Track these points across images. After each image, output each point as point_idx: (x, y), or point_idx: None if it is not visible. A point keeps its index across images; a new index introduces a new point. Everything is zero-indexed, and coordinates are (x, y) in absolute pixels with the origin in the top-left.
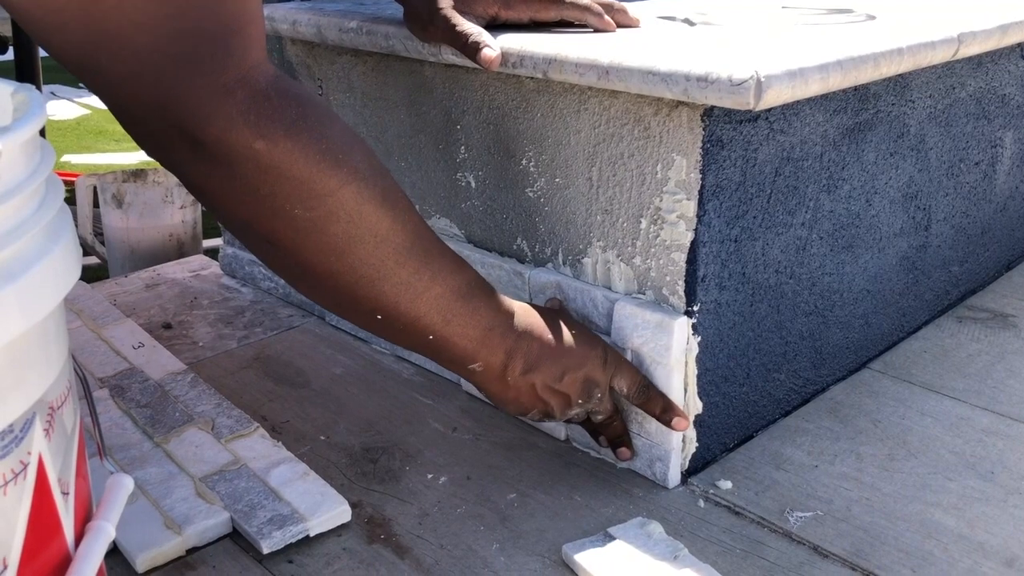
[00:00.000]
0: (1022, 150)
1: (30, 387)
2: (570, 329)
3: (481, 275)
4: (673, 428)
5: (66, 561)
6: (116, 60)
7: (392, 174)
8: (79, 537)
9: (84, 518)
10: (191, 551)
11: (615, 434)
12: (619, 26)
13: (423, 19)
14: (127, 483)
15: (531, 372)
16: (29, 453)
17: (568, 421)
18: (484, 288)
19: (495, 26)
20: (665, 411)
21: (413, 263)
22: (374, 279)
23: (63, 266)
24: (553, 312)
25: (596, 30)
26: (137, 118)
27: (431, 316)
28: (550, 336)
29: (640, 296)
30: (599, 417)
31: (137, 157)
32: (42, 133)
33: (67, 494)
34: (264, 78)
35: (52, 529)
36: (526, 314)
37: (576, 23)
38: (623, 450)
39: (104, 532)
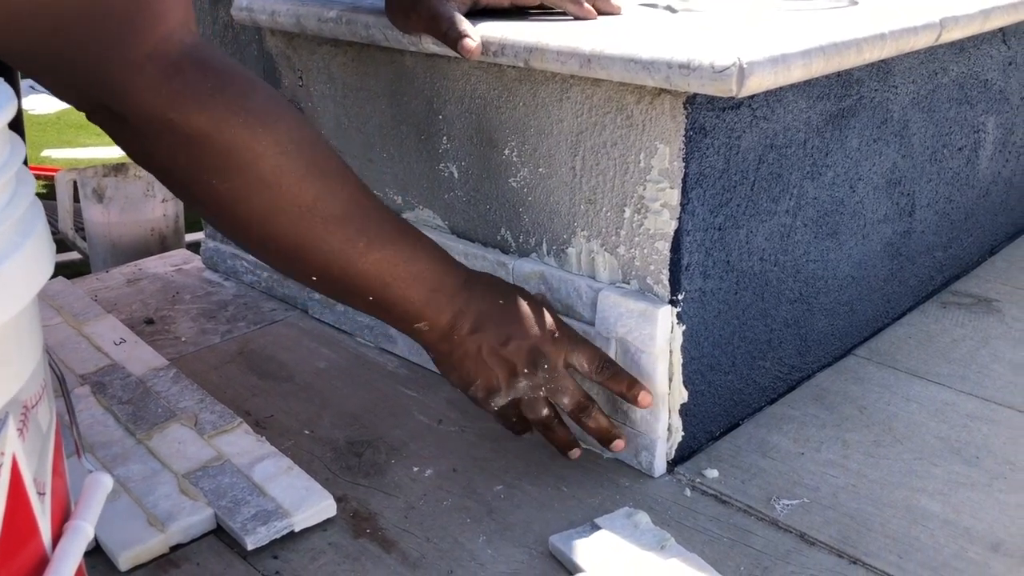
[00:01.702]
0: (1004, 135)
1: (2, 386)
2: (523, 300)
3: (429, 238)
4: (639, 404)
5: (43, 562)
6: (29, 42)
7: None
8: (57, 537)
9: (62, 518)
10: (175, 548)
11: (599, 428)
12: (600, 13)
13: (405, 7)
14: (106, 481)
15: (477, 333)
16: (2, 453)
17: (528, 424)
18: (432, 252)
19: (476, 11)
20: (631, 387)
21: (345, 232)
22: (302, 247)
23: (35, 262)
24: (505, 282)
25: (576, 18)
26: (69, 97)
27: (368, 280)
28: (500, 301)
29: (624, 285)
30: (564, 400)
31: (118, 151)
32: (18, 127)
33: (43, 494)
34: (178, 49)
35: (28, 530)
36: (477, 278)
37: (556, 10)
38: (618, 442)
39: (82, 532)
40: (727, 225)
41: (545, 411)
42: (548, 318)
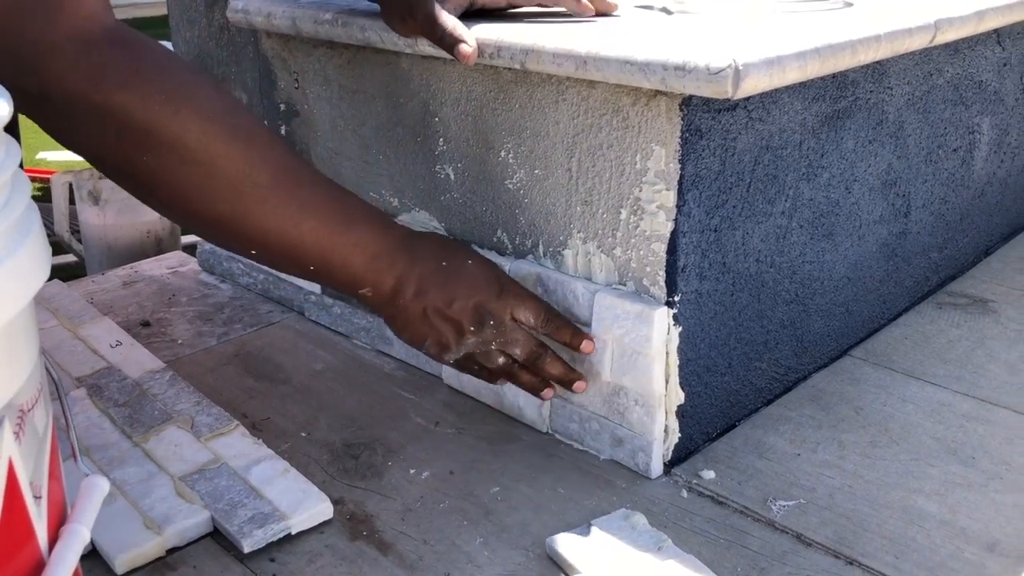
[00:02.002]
0: (999, 136)
1: None
2: (466, 259)
3: (366, 202)
4: (582, 351)
5: (39, 566)
6: None
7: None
8: (53, 541)
9: (58, 522)
10: (171, 551)
11: (558, 372)
12: (597, 12)
13: (402, 10)
14: (102, 485)
15: (421, 296)
16: None
17: (493, 372)
18: (369, 216)
19: (472, 12)
20: (574, 336)
21: (277, 198)
22: (236, 216)
23: (31, 265)
24: (451, 241)
25: (573, 14)
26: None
27: (306, 248)
28: (442, 263)
29: (621, 287)
30: (517, 351)
31: None
32: (14, 130)
33: (39, 498)
34: (98, 29)
35: (24, 534)
36: (418, 240)
37: (553, 6)
38: (579, 383)
39: (78, 536)
40: (723, 227)
41: (501, 360)
42: (492, 275)
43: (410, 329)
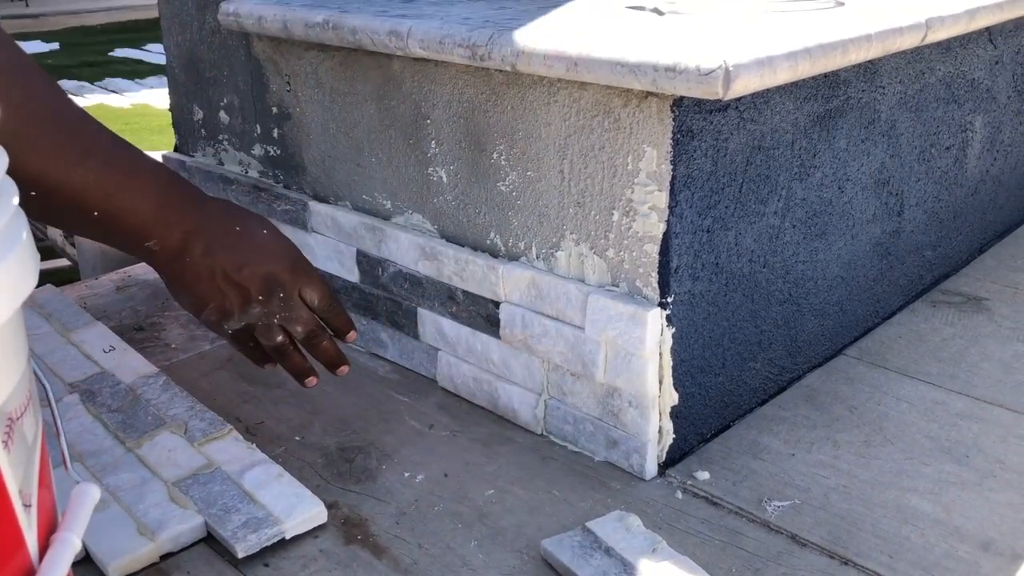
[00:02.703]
0: (992, 134)
1: None
2: (260, 227)
3: (152, 157)
4: (347, 340)
5: (30, 575)
6: None
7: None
8: (43, 550)
9: (48, 530)
10: (165, 557)
11: (329, 355)
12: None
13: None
14: (93, 492)
15: (210, 256)
16: None
17: (267, 351)
18: (155, 168)
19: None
20: (347, 324)
21: (57, 134)
22: (17, 149)
23: (19, 273)
24: (245, 209)
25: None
26: None
27: (89, 190)
28: (235, 227)
29: (614, 288)
30: (298, 328)
31: None
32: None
33: (29, 506)
34: None
35: (14, 543)
36: (211, 202)
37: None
38: (343, 367)
39: (69, 544)
40: (715, 227)
41: (280, 338)
42: (286, 247)
43: (193, 290)
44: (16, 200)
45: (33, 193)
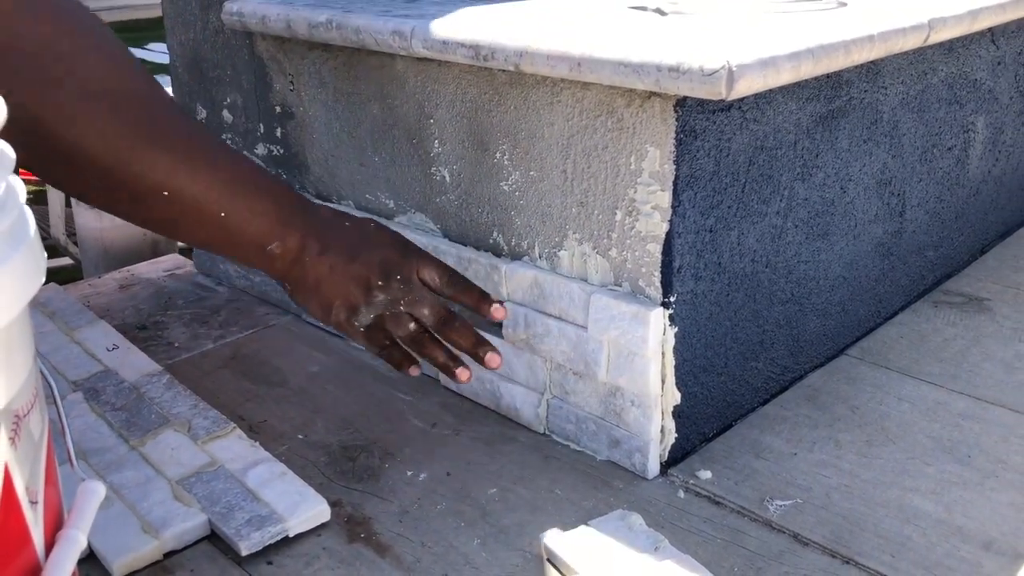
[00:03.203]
0: (994, 134)
1: None
2: (368, 222)
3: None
4: (493, 317)
5: (36, 572)
6: None
7: (370, 166)
8: (49, 546)
9: (54, 527)
10: (169, 555)
11: (468, 340)
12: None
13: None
14: (99, 490)
15: (326, 254)
16: None
17: (404, 345)
18: (267, 173)
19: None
20: (481, 298)
21: (186, 139)
22: (142, 148)
23: (26, 271)
24: (338, 209)
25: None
26: None
27: (217, 190)
28: (345, 223)
29: (616, 288)
30: (425, 311)
31: None
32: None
33: (36, 503)
34: None
35: (20, 539)
36: (323, 206)
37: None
38: (491, 356)
39: (75, 541)
40: (718, 227)
41: (412, 326)
42: (395, 235)
43: (318, 292)
44: (23, 198)
45: (166, 193)
